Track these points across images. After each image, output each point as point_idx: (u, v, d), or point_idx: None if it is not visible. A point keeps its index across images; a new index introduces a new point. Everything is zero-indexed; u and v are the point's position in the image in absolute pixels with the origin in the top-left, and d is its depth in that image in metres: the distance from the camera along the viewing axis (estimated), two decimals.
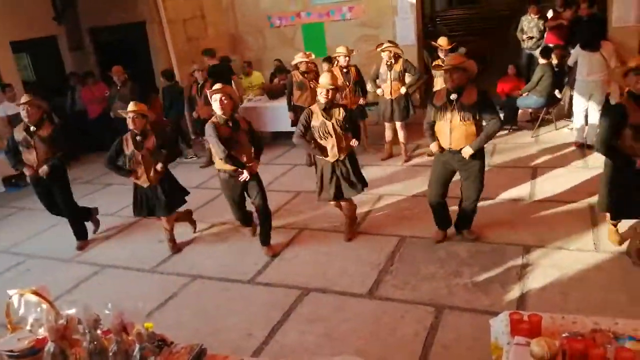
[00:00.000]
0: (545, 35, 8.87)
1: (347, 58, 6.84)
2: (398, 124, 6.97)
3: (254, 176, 4.68)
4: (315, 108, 4.64)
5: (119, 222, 6.19)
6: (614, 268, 4.02)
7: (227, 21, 10.79)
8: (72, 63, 10.11)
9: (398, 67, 6.76)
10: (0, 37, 8.64)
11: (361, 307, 3.93)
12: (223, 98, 4.36)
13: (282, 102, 8.23)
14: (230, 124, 4.47)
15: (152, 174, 4.86)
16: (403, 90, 6.80)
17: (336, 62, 7.04)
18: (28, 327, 2.41)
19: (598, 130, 4.12)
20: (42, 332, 2.31)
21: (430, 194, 4.59)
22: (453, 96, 4.10)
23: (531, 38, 9.04)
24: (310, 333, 3.68)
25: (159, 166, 4.85)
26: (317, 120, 4.59)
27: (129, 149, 4.82)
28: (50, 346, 2.09)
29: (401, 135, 7.03)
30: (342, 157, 4.66)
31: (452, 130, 4.18)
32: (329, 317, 3.84)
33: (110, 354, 2.08)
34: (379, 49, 6.82)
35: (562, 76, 7.63)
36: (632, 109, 3.70)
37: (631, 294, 3.66)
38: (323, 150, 4.64)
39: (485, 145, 4.29)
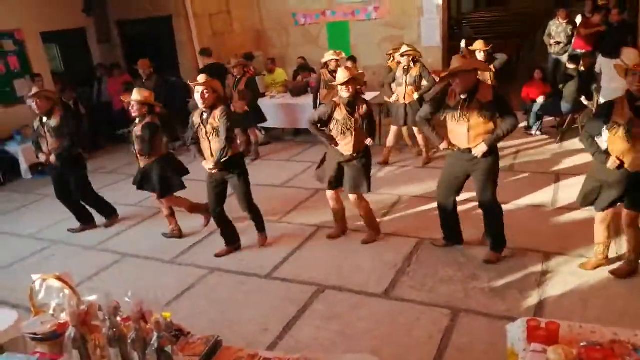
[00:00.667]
0: (573, 41, 8.72)
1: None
2: (415, 129, 6.94)
3: (236, 174, 4.65)
4: (339, 101, 4.62)
5: (140, 213, 6.29)
6: (635, 277, 3.94)
7: (252, 17, 10.85)
8: (99, 55, 10.30)
9: (415, 71, 6.74)
10: (31, 28, 8.86)
11: (377, 306, 3.93)
12: (205, 91, 4.45)
13: (305, 100, 8.28)
14: (205, 116, 4.58)
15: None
16: (416, 96, 6.77)
17: (392, 59, 7.06)
18: (51, 312, 2.47)
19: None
20: (64, 317, 2.37)
21: (439, 195, 4.52)
22: (463, 95, 4.01)
23: (558, 43, 8.91)
24: (325, 330, 3.69)
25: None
26: (340, 114, 4.57)
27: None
28: (71, 331, 2.14)
29: (419, 138, 7.00)
30: (354, 154, 4.64)
31: (469, 129, 4.08)
32: (344, 315, 3.85)
33: (129, 341, 2.12)
34: (397, 55, 6.79)
35: (590, 83, 7.50)
36: (619, 109, 3.63)
37: None
38: (332, 140, 4.63)
39: (499, 146, 4.24)
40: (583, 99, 7.33)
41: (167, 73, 9.04)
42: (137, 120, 5.06)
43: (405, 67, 6.73)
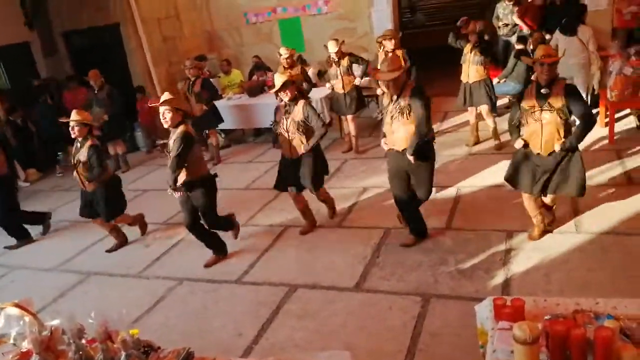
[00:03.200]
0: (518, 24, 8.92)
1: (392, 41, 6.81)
2: (349, 117, 7.15)
3: (199, 192, 4.49)
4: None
5: (101, 229, 6.10)
6: (594, 248, 4.09)
7: (202, 19, 10.69)
8: (46, 68, 9.94)
9: (345, 62, 6.91)
10: None
11: (349, 300, 3.95)
12: (166, 111, 4.27)
13: (262, 99, 8.21)
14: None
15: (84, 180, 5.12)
16: (357, 82, 6.97)
17: (382, 47, 6.98)
18: (12, 341, 2.38)
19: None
20: (26, 345, 2.29)
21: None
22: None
23: (507, 25, 9.10)
24: (299, 329, 3.69)
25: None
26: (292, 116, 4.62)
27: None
28: (35, 359, 2.07)
29: (351, 127, 7.19)
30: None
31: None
32: (317, 312, 3.86)
33: None
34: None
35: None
36: (527, 94, 3.99)
37: (611, 272, 3.74)
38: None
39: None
40: (533, 77, 7.53)
41: (118, 82, 8.80)
42: (78, 143, 4.98)
43: (389, 52, 6.72)
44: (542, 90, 3.88)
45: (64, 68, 10.10)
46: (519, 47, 7.43)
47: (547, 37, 7.36)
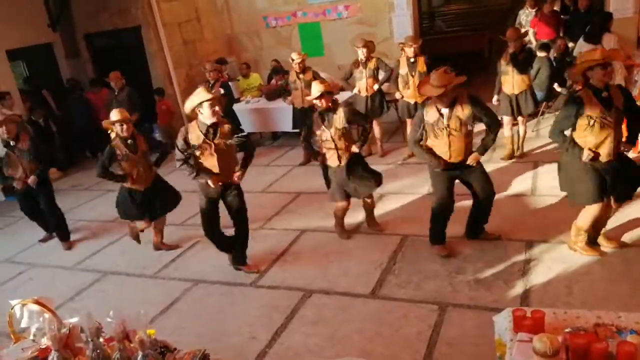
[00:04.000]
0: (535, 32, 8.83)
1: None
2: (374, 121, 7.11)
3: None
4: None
5: (118, 229, 6.17)
6: (616, 260, 4.01)
7: (222, 23, 10.78)
8: (68, 70, 10.11)
9: (372, 64, 6.92)
10: None
11: (364, 307, 3.92)
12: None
13: (280, 103, 8.24)
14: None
15: (147, 176, 5.00)
16: (376, 87, 6.97)
17: (404, 53, 6.90)
18: (31, 337, 2.41)
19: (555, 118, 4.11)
20: (45, 342, 2.31)
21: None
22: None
23: (529, 31, 9.01)
24: (314, 335, 3.67)
25: (154, 168, 5.00)
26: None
27: (122, 154, 4.86)
28: (53, 355, 2.09)
29: (377, 130, 7.19)
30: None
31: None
32: (332, 318, 3.83)
33: None
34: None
35: (562, 69, 7.60)
36: (588, 101, 3.71)
37: (633, 285, 3.66)
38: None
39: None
40: (556, 85, 7.44)
41: (138, 84, 8.91)
42: (129, 140, 4.86)
43: (410, 58, 6.68)
44: (603, 95, 3.70)
45: (86, 70, 10.26)
46: (541, 54, 7.34)
47: (570, 45, 7.28)
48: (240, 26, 10.73)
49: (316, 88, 4.57)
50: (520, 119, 6.46)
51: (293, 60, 7.15)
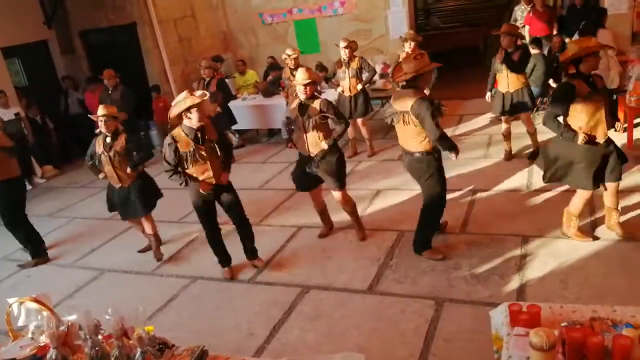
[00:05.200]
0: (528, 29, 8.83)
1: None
2: (359, 121, 7.11)
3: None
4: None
5: (115, 226, 6.17)
6: (612, 254, 4.04)
7: (218, 20, 10.76)
8: (64, 67, 10.07)
9: (355, 64, 6.85)
10: None
11: (362, 302, 3.94)
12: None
13: (277, 100, 8.24)
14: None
15: (122, 174, 4.88)
16: (359, 87, 6.92)
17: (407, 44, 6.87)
18: (30, 335, 2.41)
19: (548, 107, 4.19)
20: (43, 339, 2.31)
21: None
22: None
23: (524, 27, 9.02)
24: (311, 330, 3.69)
25: (127, 170, 4.85)
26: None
27: (99, 149, 4.86)
28: (52, 353, 2.10)
29: (363, 130, 7.17)
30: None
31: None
32: (330, 314, 3.85)
33: (112, 358, 2.09)
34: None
35: (557, 65, 7.61)
36: (579, 85, 3.86)
37: (629, 279, 3.69)
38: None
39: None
40: (551, 81, 7.46)
41: (134, 81, 8.89)
42: (107, 138, 4.79)
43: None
44: (590, 80, 3.90)
45: (81, 67, 10.22)
46: (534, 50, 7.35)
47: (567, 40, 7.29)
48: (236, 23, 10.72)
49: (303, 75, 4.49)
50: (522, 116, 6.34)
51: (288, 55, 7.15)
